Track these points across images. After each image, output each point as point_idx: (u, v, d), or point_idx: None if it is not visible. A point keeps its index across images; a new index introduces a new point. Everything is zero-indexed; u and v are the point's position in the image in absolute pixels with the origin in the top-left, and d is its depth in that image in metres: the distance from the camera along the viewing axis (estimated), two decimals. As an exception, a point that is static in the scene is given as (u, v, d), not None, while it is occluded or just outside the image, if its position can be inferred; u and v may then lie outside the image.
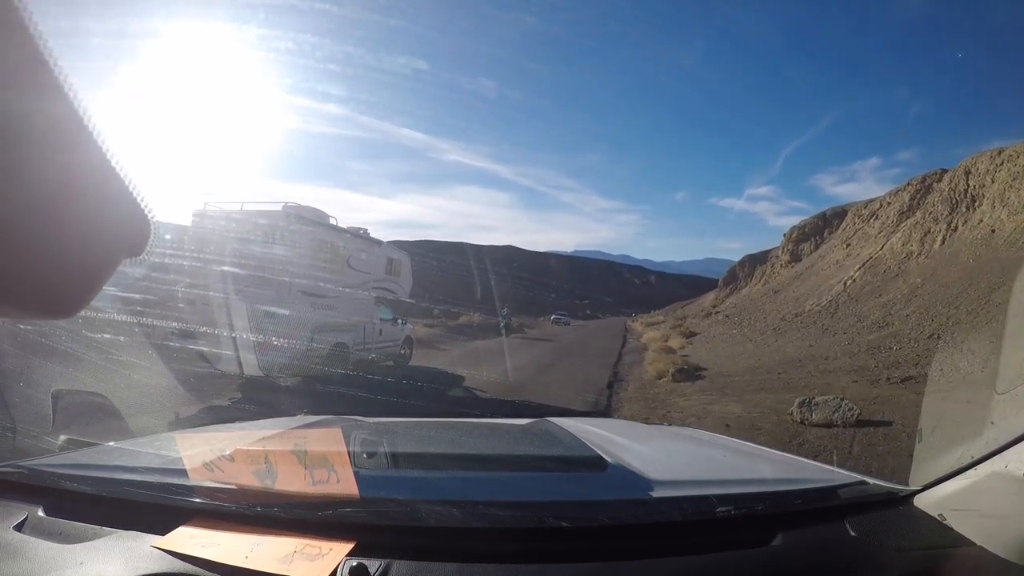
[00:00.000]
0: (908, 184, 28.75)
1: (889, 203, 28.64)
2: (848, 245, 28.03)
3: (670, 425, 5.23)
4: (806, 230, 37.75)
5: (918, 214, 24.93)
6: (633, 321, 53.76)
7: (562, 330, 31.36)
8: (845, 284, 21.62)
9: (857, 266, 22.78)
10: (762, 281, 41.75)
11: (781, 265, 37.50)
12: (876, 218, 28.36)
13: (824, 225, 37.11)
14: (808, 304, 21.19)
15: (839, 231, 33.16)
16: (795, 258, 36.71)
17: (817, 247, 35.54)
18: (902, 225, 25.08)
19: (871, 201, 33.53)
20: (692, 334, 23.34)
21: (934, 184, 27.90)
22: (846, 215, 35.42)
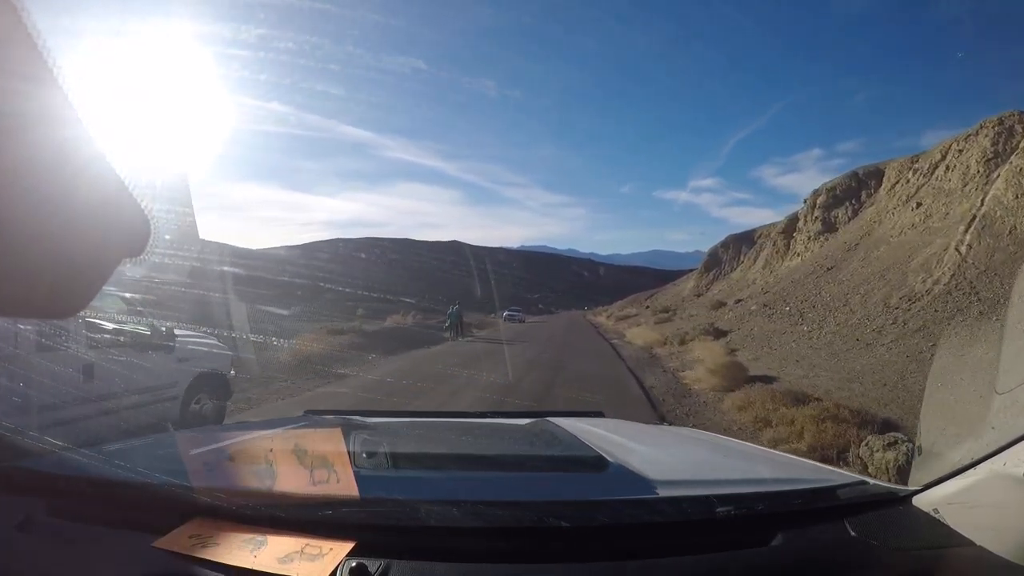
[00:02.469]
0: (981, 126, 22.95)
1: (961, 150, 22.64)
2: (918, 204, 21.99)
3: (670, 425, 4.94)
4: (837, 193, 31.71)
5: (1015, 159, 19.01)
6: (594, 315, 47.42)
7: (518, 330, 25.82)
8: (960, 252, 15.25)
9: (962, 228, 16.58)
10: (761, 261, 35.92)
11: (810, 237, 31.33)
12: (949, 169, 22.38)
13: (859, 187, 31.17)
14: (915, 282, 14.92)
15: (886, 190, 27.20)
16: (829, 227, 30.62)
17: (857, 212, 29.46)
18: (995, 174, 19.20)
19: (918, 155, 27.71)
20: (722, 333, 16.51)
21: (1015, 125, 22.15)
22: (883, 174, 29.44)
